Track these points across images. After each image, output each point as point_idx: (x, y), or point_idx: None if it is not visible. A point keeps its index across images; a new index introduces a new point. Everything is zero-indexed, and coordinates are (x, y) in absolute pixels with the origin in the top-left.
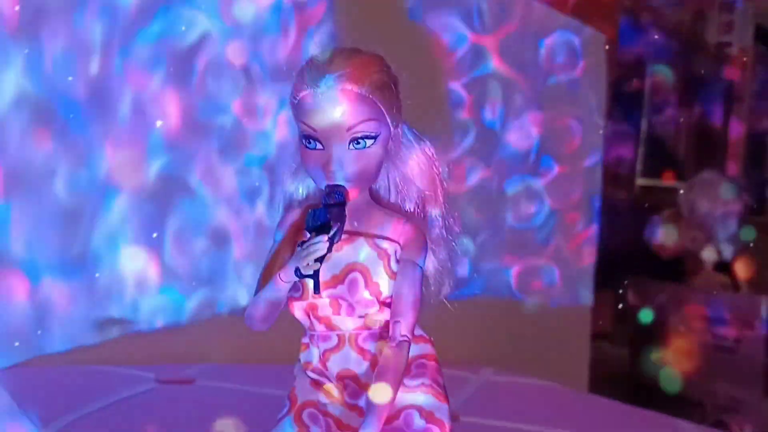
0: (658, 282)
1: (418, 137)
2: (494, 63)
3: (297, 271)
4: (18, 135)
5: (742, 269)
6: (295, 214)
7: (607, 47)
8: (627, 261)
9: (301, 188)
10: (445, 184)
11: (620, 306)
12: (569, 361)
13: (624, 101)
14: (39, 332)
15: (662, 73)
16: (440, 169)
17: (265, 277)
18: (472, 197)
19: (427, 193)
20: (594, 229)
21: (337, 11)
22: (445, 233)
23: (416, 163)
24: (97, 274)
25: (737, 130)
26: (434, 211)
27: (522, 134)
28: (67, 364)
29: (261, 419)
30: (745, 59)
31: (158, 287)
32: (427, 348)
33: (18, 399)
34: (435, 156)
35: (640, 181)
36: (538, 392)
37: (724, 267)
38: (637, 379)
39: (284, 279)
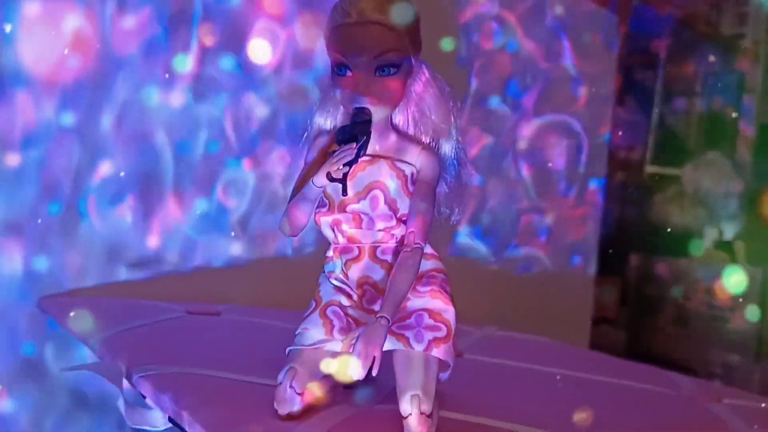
0: (661, 257)
1: (434, 75)
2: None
3: (328, 175)
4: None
5: (741, 247)
6: (323, 140)
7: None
8: (632, 245)
9: (329, 120)
10: (457, 120)
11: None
12: (571, 327)
13: (635, 89)
14: (76, 266)
15: (675, 63)
16: (454, 106)
17: (297, 190)
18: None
19: (441, 126)
20: (599, 202)
21: None
22: (456, 164)
23: (432, 99)
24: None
25: (748, 121)
26: (447, 144)
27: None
28: (100, 296)
29: (280, 345)
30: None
31: (191, 229)
32: (436, 263)
33: (59, 320)
34: (449, 93)
35: (650, 169)
36: (540, 345)
37: (724, 245)
38: (635, 350)
39: (316, 183)
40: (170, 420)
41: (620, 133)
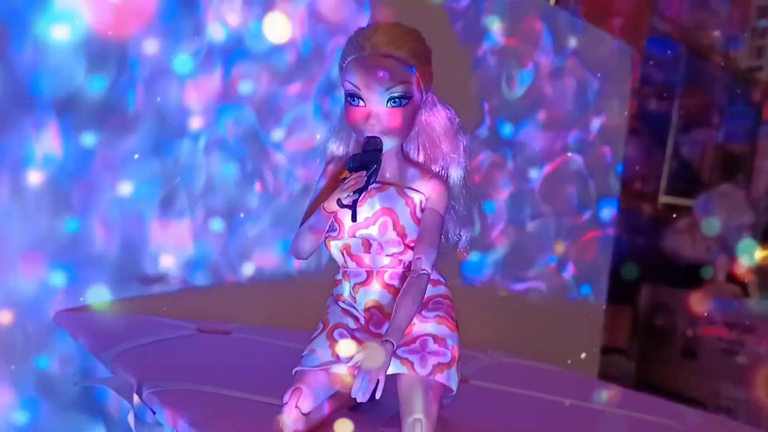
0: (672, 288)
1: (445, 106)
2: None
3: (339, 201)
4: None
5: (752, 280)
6: (335, 166)
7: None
8: (644, 275)
9: (341, 146)
10: (467, 149)
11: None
12: (580, 356)
13: (650, 119)
14: (89, 281)
15: (690, 94)
16: (463, 136)
17: (308, 214)
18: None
19: (451, 155)
20: (610, 232)
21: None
22: (464, 192)
23: (442, 129)
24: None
25: (763, 153)
26: (456, 173)
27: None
28: (114, 312)
29: (288, 365)
30: None
31: (203, 247)
32: (443, 290)
33: (73, 334)
34: (459, 124)
35: (664, 199)
36: (546, 373)
37: (735, 278)
38: (643, 381)
39: (327, 209)
40: None
41: (633, 163)
